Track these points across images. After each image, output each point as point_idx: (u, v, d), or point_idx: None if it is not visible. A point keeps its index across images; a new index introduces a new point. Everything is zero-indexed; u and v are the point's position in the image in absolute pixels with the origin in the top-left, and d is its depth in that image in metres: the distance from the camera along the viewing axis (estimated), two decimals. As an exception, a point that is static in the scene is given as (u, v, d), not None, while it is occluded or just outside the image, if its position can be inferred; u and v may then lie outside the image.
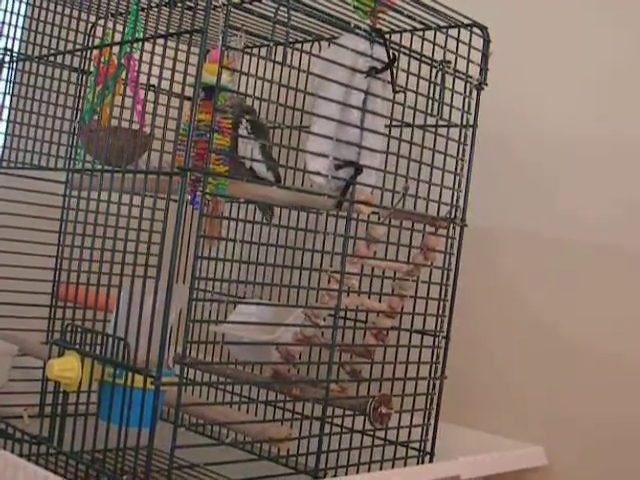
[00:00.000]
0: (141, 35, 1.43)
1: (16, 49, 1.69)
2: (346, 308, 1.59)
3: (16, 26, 1.69)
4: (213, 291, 1.74)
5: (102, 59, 1.48)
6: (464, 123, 1.54)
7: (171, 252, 1.21)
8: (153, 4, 1.43)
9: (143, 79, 1.42)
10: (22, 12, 1.70)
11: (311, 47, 1.73)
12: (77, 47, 1.66)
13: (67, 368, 1.30)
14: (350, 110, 1.39)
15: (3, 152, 1.70)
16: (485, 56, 1.54)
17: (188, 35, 1.27)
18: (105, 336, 1.30)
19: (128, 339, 1.28)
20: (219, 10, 1.30)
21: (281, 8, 1.31)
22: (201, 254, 1.25)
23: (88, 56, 1.72)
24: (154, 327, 1.25)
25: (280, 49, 1.33)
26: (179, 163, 1.26)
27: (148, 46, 1.39)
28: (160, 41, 1.33)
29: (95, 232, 1.36)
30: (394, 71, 1.41)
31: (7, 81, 1.66)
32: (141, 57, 1.37)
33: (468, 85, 1.55)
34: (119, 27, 1.44)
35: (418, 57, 1.52)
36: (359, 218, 1.47)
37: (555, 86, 1.72)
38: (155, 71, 1.35)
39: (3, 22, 1.67)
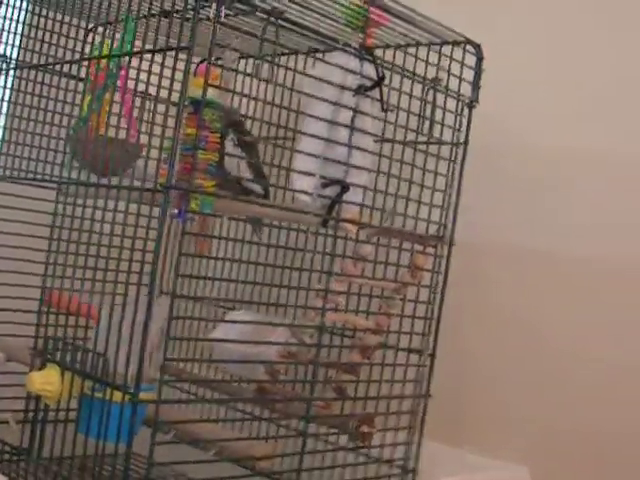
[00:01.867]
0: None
1: (11, 55, 1.69)
2: (333, 325, 1.59)
3: (15, 33, 1.68)
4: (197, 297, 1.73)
5: (94, 68, 1.48)
6: (455, 141, 1.53)
7: (152, 266, 1.21)
8: (143, 14, 1.43)
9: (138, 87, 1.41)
10: (19, 19, 1.69)
11: (295, 63, 1.70)
12: (73, 53, 1.66)
13: (48, 382, 1.30)
14: (338, 128, 1.38)
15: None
16: (478, 74, 1.53)
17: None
18: (85, 351, 1.30)
19: (109, 352, 1.28)
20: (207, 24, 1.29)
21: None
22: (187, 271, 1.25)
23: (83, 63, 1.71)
24: (135, 341, 1.25)
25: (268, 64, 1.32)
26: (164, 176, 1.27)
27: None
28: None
29: (80, 239, 1.36)
30: (383, 89, 1.41)
31: (4, 87, 1.65)
32: (128, 67, 1.36)
33: (460, 103, 1.54)
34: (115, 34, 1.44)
35: (409, 75, 1.51)
36: (346, 236, 1.47)
37: (547, 102, 1.71)
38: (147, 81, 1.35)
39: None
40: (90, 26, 1.71)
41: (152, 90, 1.38)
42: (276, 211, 1.39)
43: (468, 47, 1.52)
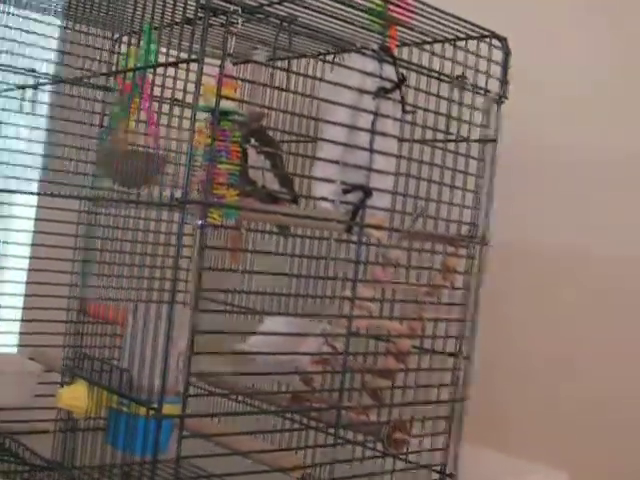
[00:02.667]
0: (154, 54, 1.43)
1: (41, 69, 1.69)
2: (367, 330, 1.57)
3: (45, 48, 1.69)
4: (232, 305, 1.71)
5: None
6: (483, 138, 1.50)
7: (172, 280, 1.21)
8: (163, 23, 1.42)
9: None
10: (47, 32, 1.70)
11: (309, 67, 1.68)
12: (101, 63, 1.66)
13: (75, 397, 1.31)
14: (358, 132, 1.36)
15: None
16: (505, 68, 1.49)
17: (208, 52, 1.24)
18: (111, 366, 1.30)
19: (135, 365, 1.28)
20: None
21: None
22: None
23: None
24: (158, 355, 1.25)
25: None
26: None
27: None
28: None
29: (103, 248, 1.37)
30: (407, 89, 1.38)
31: (32, 102, 1.66)
32: (133, 79, 1.36)
33: (487, 99, 1.50)
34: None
35: (435, 75, 1.47)
36: (372, 242, 1.44)
37: (578, 97, 1.67)
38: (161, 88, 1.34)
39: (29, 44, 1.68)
40: (116, 36, 1.72)
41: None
42: (299, 218, 1.37)
43: (494, 42, 1.48)
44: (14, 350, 1.78)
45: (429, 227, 1.47)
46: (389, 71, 1.38)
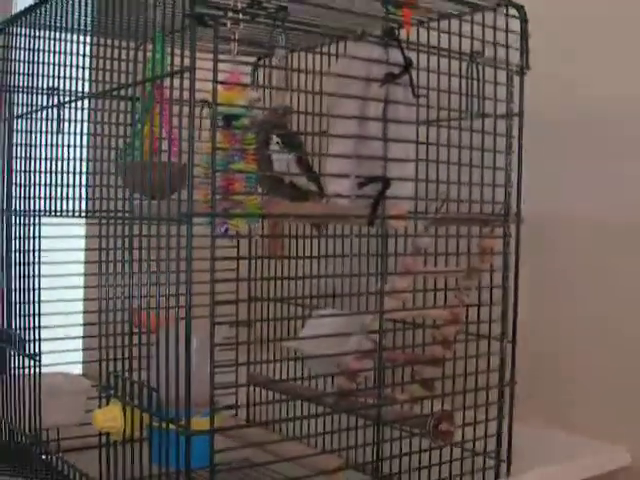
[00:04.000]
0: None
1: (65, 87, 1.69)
2: (414, 320, 1.53)
3: (66, 65, 1.69)
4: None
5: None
6: (508, 113, 1.44)
7: (186, 294, 1.19)
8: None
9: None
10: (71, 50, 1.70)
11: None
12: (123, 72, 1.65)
13: (110, 418, 1.31)
14: (369, 123, 1.31)
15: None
16: (524, 38, 1.43)
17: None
18: (140, 384, 1.30)
19: (166, 381, 1.27)
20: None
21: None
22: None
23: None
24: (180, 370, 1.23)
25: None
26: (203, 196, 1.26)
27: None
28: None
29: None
30: (412, 74, 1.33)
31: (58, 120, 1.66)
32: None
33: (509, 72, 1.43)
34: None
35: (453, 54, 1.41)
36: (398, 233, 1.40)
37: (608, 63, 1.60)
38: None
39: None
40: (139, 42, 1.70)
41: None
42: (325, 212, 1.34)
43: (511, 11, 1.42)
44: (79, 369, 1.79)
45: (461, 210, 1.42)
46: (396, 55, 1.33)
